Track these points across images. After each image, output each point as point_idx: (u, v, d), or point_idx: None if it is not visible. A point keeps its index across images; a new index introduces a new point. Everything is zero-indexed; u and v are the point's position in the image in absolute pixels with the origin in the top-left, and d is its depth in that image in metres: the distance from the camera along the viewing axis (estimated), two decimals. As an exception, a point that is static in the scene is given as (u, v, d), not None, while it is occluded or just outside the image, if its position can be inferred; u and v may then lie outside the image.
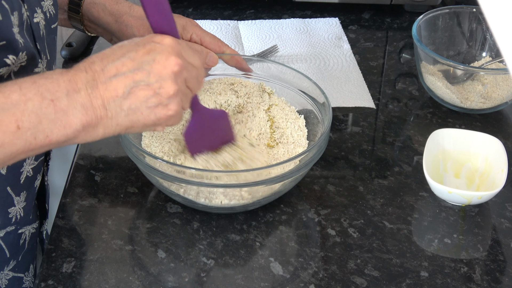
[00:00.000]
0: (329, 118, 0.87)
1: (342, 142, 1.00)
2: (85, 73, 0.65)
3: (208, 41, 0.95)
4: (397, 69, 1.18)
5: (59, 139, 0.63)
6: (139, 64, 0.66)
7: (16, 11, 0.73)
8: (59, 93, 0.62)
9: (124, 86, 0.65)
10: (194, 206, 0.86)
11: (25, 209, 0.85)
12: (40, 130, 0.61)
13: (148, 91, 0.66)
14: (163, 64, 0.66)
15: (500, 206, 0.89)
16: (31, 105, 0.61)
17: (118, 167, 0.94)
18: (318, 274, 0.80)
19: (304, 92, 0.94)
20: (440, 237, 0.85)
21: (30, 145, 0.62)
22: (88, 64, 0.66)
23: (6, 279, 0.87)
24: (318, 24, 1.29)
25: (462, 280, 0.79)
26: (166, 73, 0.66)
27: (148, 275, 0.79)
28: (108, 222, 0.86)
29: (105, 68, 0.65)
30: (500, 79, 1.04)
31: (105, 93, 0.64)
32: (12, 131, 0.60)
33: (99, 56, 0.67)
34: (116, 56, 0.66)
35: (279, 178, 0.81)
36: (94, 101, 0.64)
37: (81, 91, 0.63)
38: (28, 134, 0.61)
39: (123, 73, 0.65)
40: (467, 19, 1.14)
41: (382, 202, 0.90)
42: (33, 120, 0.61)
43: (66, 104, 0.62)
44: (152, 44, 0.67)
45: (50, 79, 0.63)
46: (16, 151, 0.61)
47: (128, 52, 0.67)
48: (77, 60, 1.18)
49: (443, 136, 0.93)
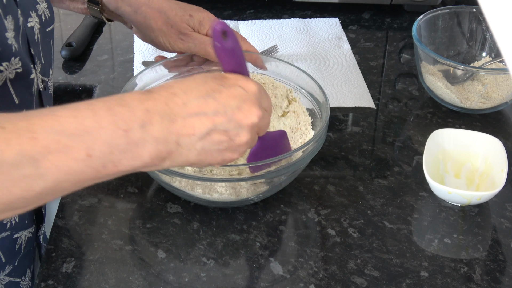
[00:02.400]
0: (327, 112, 0.87)
1: (342, 142, 1.00)
2: (165, 105, 0.62)
3: None
4: (397, 69, 1.18)
5: (126, 169, 0.61)
6: (223, 107, 0.64)
7: (9, 15, 0.73)
8: (134, 123, 0.60)
9: (203, 126, 0.63)
10: (197, 201, 0.86)
11: (20, 214, 0.85)
12: (110, 159, 0.59)
13: (224, 136, 0.65)
14: (245, 114, 0.66)
15: (500, 206, 0.89)
16: (103, 134, 0.58)
17: (118, 167, 0.94)
18: (318, 274, 0.80)
19: (306, 91, 0.94)
20: (440, 237, 0.85)
21: (98, 174, 0.59)
22: (170, 95, 0.63)
23: (2, 284, 0.86)
24: (318, 24, 1.29)
25: (462, 280, 0.79)
26: (246, 123, 0.66)
27: (148, 275, 0.79)
28: (108, 222, 0.86)
29: (188, 103, 0.63)
30: (500, 79, 1.04)
31: (182, 130, 0.62)
32: (82, 158, 0.57)
33: (182, 88, 0.64)
34: (200, 92, 0.64)
35: (276, 172, 0.81)
36: (169, 136, 0.62)
37: (157, 123, 0.61)
38: (98, 163, 0.58)
39: (205, 113, 0.63)
40: (467, 19, 1.14)
41: (382, 202, 0.90)
42: (104, 149, 0.58)
43: (140, 137, 0.60)
44: (237, 89, 0.66)
45: (127, 108, 0.60)
46: (84, 178, 0.59)
47: (213, 92, 0.65)
48: (77, 60, 1.18)
49: (443, 136, 0.93)
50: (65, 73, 1.16)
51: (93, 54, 1.20)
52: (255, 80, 0.69)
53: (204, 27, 0.93)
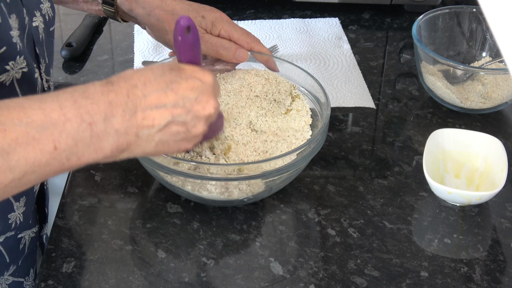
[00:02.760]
0: (327, 112, 0.87)
1: (342, 142, 1.00)
2: (126, 97, 0.63)
3: (237, 37, 0.94)
4: (397, 69, 1.18)
5: (88, 161, 0.62)
6: (181, 100, 0.66)
7: (14, 13, 0.73)
8: (98, 116, 0.61)
9: (162, 119, 0.65)
10: (198, 200, 0.86)
11: (24, 214, 0.85)
12: (74, 152, 0.60)
13: (182, 127, 0.67)
14: (203, 106, 0.67)
15: (500, 206, 0.89)
16: (69, 126, 0.59)
17: (118, 167, 0.94)
18: (318, 274, 0.80)
19: (307, 90, 0.94)
20: (440, 237, 0.85)
21: (63, 166, 0.60)
22: (131, 88, 0.64)
23: (6, 284, 0.86)
24: (318, 24, 1.29)
25: (462, 280, 0.79)
26: (203, 114, 0.67)
27: (148, 275, 0.79)
28: (108, 222, 0.86)
29: (148, 95, 0.64)
30: (500, 79, 1.04)
31: (142, 122, 0.64)
32: (49, 151, 0.58)
33: (141, 79, 0.65)
34: (159, 84, 0.65)
35: (276, 172, 0.81)
36: (129, 128, 0.63)
37: (119, 116, 0.62)
38: (63, 155, 0.60)
39: (164, 105, 0.65)
40: (467, 19, 1.14)
41: (382, 202, 0.90)
42: (70, 142, 0.59)
43: (102, 130, 0.61)
44: (195, 81, 0.67)
45: (91, 100, 0.61)
46: (49, 171, 0.60)
47: (171, 83, 0.66)
48: (77, 60, 1.18)
49: (443, 136, 0.93)
50: (65, 73, 1.16)
51: (93, 54, 1.20)
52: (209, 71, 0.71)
53: (217, 28, 0.94)
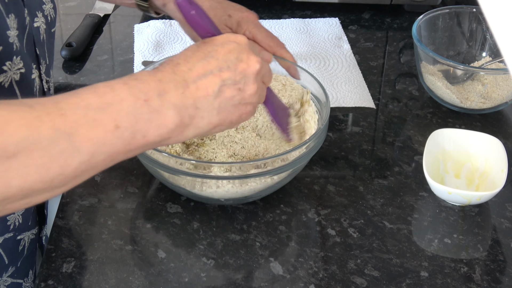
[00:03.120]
0: (327, 111, 0.87)
1: (342, 142, 1.00)
2: (173, 74, 0.65)
3: (260, 39, 0.94)
4: (397, 69, 1.18)
5: (155, 139, 0.62)
6: (224, 63, 0.67)
7: (12, 13, 0.73)
8: (151, 93, 0.62)
9: (214, 84, 0.66)
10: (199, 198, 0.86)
11: (23, 216, 0.85)
12: (137, 129, 0.61)
13: (235, 89, 0.67)
14: (247, 63, 0.68)
15: (500, 206, 0.89)
16: (126, 105, 0.60)
17: (118, 167, 0.94)
18: (318, 274, 0.80)
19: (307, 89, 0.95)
20: (440, 237, 0.85)
21: (129, 145, 0.61)
22: (174, 66, 0.66)
23: (5, 286, 0.86)
24: (318, 24, 1.29)
25: (462, 280, 0.79)
26: (250, 72, 0.68)
27: (148, 275, 0.79)
28: (108, 222, 0.86)
29: (192, 68, 0.66)
30: (500, 79, 1.04)
31: (197, 93, 0.65)
32: (111, 130, 0.59)
33: (182, 57, 0.67)
34: (199, 56, 0.67)
35: (277, 170, 0.81)
36: (186, 101, 0.64)
37: (172, 91, 0.63)
38: (126, 134, 0.60)
39: (211, 72, 0.66)
40: (467, 19, 1.14)
41: (382, 202, 0.90)
42: (130, 119, 0.60)
43: (159, 104, 0.62)
44: (230, 44, 0.68)
45: (141, 80, 0.63)
46: (116, 151, 0.60)
47: (210, 52, 0.67)
48: (77, 60, 1.18)
49: (443, 136, 0.93)
50: (65, 73, 1.16)
51: (93, 54, 1.20)
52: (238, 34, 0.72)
53: (242, 28, 0.94)
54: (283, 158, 0.81)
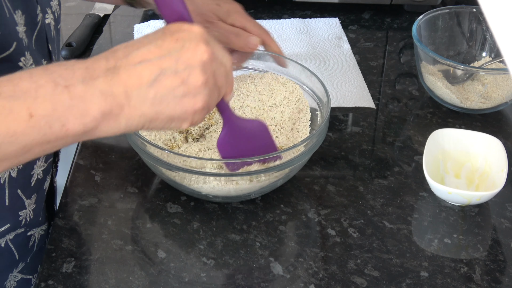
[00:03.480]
0: (327, 110, 0.87)
1: (342, 142, 1.00)
2: (105, 60, 0.60)
3: (250, 27, 0.94)
4: (397, 69, 1.18)
5: (76, 128, 0.58)
6: (167, 51, 0.61)
7: (19, 9, 0.73)
8: (74, 79, 0.57)
9: (150, 73, 0.60)
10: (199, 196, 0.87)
11: (34, 211, 0.85)
12: (55, 118, 0.56)
13: (176, 79, 0.61)
14: (193, 51, 0.62)
15: (500, 206, 0.89)
16: (43, 92, 0.56)
17: (118, 167, 0.94)
18: (318, 274, 0.80)
19: (309, 88, 0.95)
20: (440, 237, 0.85)
21: (45, 136, 0.57)
22: (110, 53, 0.61)
23: (15, 281, 0.87)
24: (318, 24, 1.29)
25: (462, 280, 0.79)
26: (195, 61, 0.62)
27: (148, 275, 0.79)
28: (108, 222, 0.86)
29: (129, 54, 0.60)
30: (500, 79, 1.04)
31: (129, 80, 0.59)
32: (24, 119, 0.55)
33: (123, 45, 0.62)
34: (141, 44, 0.62)
35: (278, 167, 0.81)
36: (115, 88, 0.59)
37: (100, 78, 0.58)
38: (42, 122, 0.56)
39: (149, 60, 0.60)
40: (467, 19, 1.14)
41: (382, 202, 0.90)
42: (47, 107, 0.56)
43: (83, 90, 0.57)
44: (180, 33, 0.63)
45: (64, 66, 0.58)
46: (31, 142, 0.56)
47: (155, 40, 0.62)
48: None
49: (443, 136, 0.93)
50: (65, 73, 1.16)
51: (93, 54, 1.20)
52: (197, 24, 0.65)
53: (231, 16, 0.94)
54: (284, 155, 0.81)
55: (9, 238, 0.83)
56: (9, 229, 0.82)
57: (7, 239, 0.83)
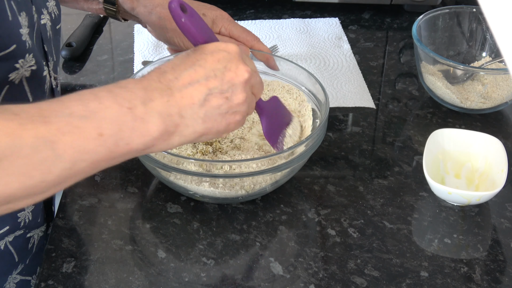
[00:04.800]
0: (326, 110, 0.87)
1: (342, 142, 1.00)
2: (158, 83, 0.65)
3: (237, 35, 0.95)
4: (397, 69, 1.18)
5: (138, 147, 0.62)
6: (212, 72, 0.67)
7: (23, 11, 0.73)
8: (136, 101, 0.62)
9: (200, 93, 0.66)
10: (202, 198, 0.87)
11: (33, 213, 0.85)
12: (120, 137, 0.61)
13: (221, 98, 0.67)
14: (235, 72, 0.68)
15: (500, 206, 0.89)
16: (110, 113, 0.60)
17: (118, 167, 0.94)
18: (318, 274, 0.80)
19: (307, 89, 0.95)
20: (440, 237, 0.85)
21: (112, 153, 0.61)
22: (160, 74, 0.66)
23: (14, 283, 0.87)
24: (318, 24, 1.29)
25: (462, 280, 0.79)
26: (238, 81, 0.68)
27: (148, 275, 0.79)
28: (108, 222, 0.86)
29: (179, 76, 0.66)
30: (500, 79, 1.04)
31: (182, 101, 0.65)
32: (94, 137, 0.59)
33: (169, 66, 0.67)
34: (186, 65, 0.67)
35: (274, 169, 0.81)
36: (171, 109, 0.64)
37: (157, 99, 0.63)
38: (110, 141, 0.60)
39: (198, 81, 0.66)
40: (467, 19, 1.14)
41: (382, 202, 0.90)
42: (114, 127, 0.60)
43: (143, 112, 0.62)
44: (219, 52, 0.68)
45: (125, 88, 0.63)
46: (99, 159, 0.60)
47: (198, 61, 0.67)
48: (77, 60, 1.18)
49: (443, 136, 0.93)
50: (65, 73, 1.16)
51: (93, 54, 1.20)
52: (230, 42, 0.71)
53: (217, 26, 0.95)
54: (279, 158, 0.81)
55: (9, 240, 0.83)
56: (8, 231, 0.82)
57: (7, 241, 0.83)
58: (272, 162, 0.81)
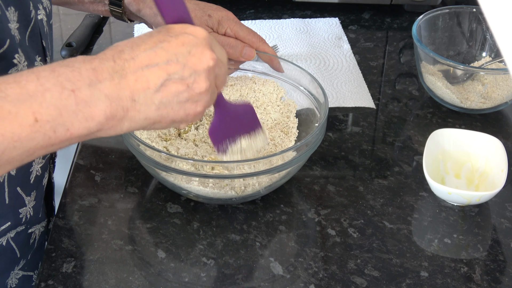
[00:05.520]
0: (325, 111, 0.87)
1: (342, 142, 1.00)
2: (112, 62, 0.60)
3: (243, 36, 0.94)
4: (397, 69, 1.18)
5: (80, 132, 0.58)
6: (174, 56, 0.62)
7: (11, 6, 0.73)
8: (81, 82, 0.57)
9: (157, 78, 0.61)
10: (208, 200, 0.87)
11: (34, 208, 0.86)
12: (60, 123, 0.56)
13: (181, 85, 0.62)
14: (199, 58, 0.63)
15: (500, 206, 0.89)
16: (49, 96, 0.56)
17: (118, 167, 0.94)
18: (318, 274, 0.80)
19: (306, 89, 0.95)
20: (440, 237, 0.85)
21: (50, 140, 0.57)
22: (117, 53, 0.61)
23: (16, 279, 0.87)
24: (318, 24, 1.29)
25: (462, 280, 0.79)
26: (201, 67, 0.63)
27: (148, 275, 0.79)
28: (108, 222, 0.86)
29: (136, 57, 0.61)
30: (500, 79, 1.04)
31: (135, 85, 0.60)
32: (29, 124, 0.55)
33: (128, 44, 0.62)
34: (147, 45, 0.62)
35: (273, 170, 0.81)
36: (121, 92, 0.59)
37: (106, 81, 0.58)
38: (47, 127, 0.56)
39: (157, 64, 0.61)
40: (467, 19, 1.14)
41: (382, 202, 0.90)
42: (52, 112, 0.56)
43: (89, 95, 0.57)
44: (185, 36, 0.63)
45: (71, 68, 0.58)
46: (35, 146, 0.56)
47: (161, 42, 0.62)
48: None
49: (443, 136, 0.93)
50: (65, 73, 1.16)
51: (93, 54, 1.20)
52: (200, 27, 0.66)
53: (223, 26, 0.94)
54: (279, 158, 0.81)
55: (10, 236, 0.84)
56: (10, 227, 0.83)
57: (8, 237, 0.83)
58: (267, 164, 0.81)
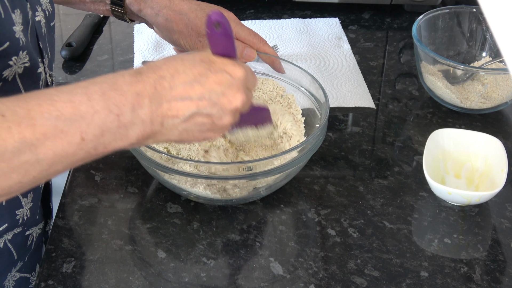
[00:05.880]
0: (326, 111, 0.87)
1: (342, 142, 1.00)
2: (153, 89, 0.64)
3: (244, 37, 0.94)
4: (397, 69, 1.18)
5: (113, 150, 0.63)
6: (208, 93, 0.66)
7: (18, 8, 0.73)
8: (125, 108, 0.62)
9: (187, 110, 0.65)
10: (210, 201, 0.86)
11: (31, 210, 0.86)
12: (100, 142, 0.61)
13: (207, 119, 0.67)
14: (230, 100, 0.67)
15: (500, 206, 0.89)
16: (97, 118, 0.60)
17: (118, 167, 0.94)
18: (318, 274, 0.80)
19: (307, 90, 0.95)
20: (440, 237, 0.85)
21: (89, 155, 0.62)
22: (158, 78, 0.65)
23: (14, 280, 0.87)
24: (318, 24, 1.29)
25: (462, 280, 0.79)
26: (229, 108, 0.67)
27: (148, 275, 0.79)
28: (108, 222, 0.86)
29: (175, 87, 0.65)
30: (500, 79, 1.04)
31: (167, 112, 0.64)
32: (76, 142, 0.59)
33: (170, 71, 0.65)
34: (188, 76, 0.66)
35: (273, 170, 0.81)
36: (154, 118, 0.64)
37: (146, 107, 0.63)
38: (90, 145, 0.61)
39: (190, 98, 0.65)
40: (467, 19, 1.14)
41: (382, 202, 0.90)
42: (97, 132, 0.60)
43: (129, 120, 0.62)
44: (224, 75, 0.67)
45: (120, 92, 0.62)
46: (76, 160, 0.61)
47: (200, 76, 0.66)
48: (77, 60, 1.18)
49: (443, 136, 0.93)
50: (65, 73, 1.16)
51: (93, 54, 1.20)
52: (242, 64, 0.70)
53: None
54: (279, 159, 0.81)
55: (8, 238, 0.84)
56: (7, 228, 0.83)
57: (6, 239, 0.83)
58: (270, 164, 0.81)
